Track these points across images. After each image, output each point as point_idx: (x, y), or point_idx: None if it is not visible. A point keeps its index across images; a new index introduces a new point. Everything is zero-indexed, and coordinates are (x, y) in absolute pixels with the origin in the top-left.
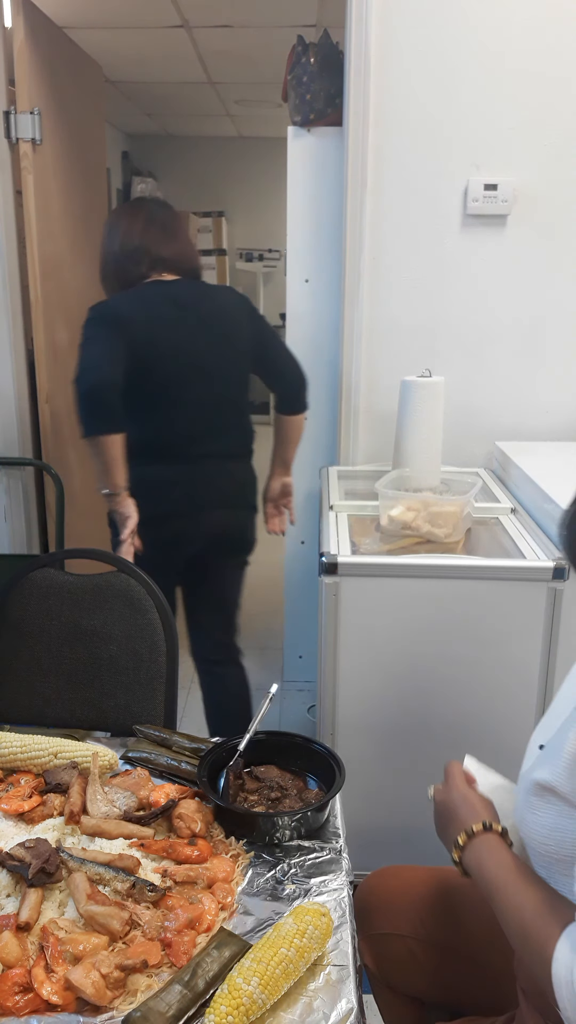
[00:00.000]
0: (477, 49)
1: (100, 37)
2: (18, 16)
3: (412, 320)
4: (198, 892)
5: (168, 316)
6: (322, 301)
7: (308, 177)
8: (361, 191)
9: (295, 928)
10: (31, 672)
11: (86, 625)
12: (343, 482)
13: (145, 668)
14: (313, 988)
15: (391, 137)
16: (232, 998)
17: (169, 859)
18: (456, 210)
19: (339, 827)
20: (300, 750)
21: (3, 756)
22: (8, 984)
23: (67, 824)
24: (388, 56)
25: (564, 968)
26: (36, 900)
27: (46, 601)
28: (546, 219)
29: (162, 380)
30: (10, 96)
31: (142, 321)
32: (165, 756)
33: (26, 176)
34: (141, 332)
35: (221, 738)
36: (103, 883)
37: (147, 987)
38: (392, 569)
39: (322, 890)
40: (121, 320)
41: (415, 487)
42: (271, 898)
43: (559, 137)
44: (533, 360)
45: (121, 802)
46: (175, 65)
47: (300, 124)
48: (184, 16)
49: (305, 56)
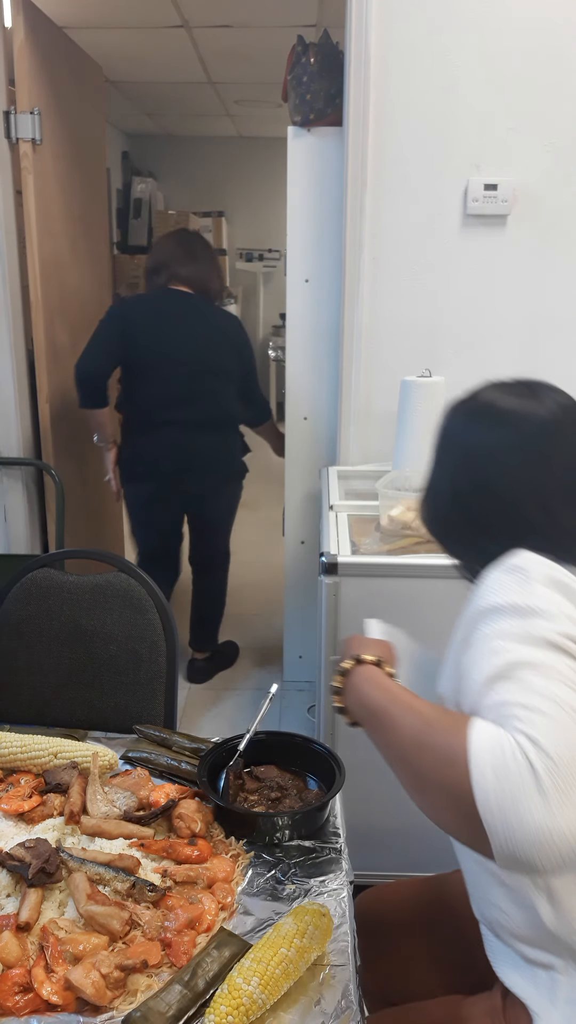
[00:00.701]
0: (477, 49)
1: (100, 37)
2: (18, 16)
3: (412, 320)
4: (198, 892)
5: (164, 313)
6: (322, 301)
7: (308, 177)
8: (361, 191)
9: (295, 928)
10: (31, 672)
11: (86, 625)
12: (343, 482)
13: (145, 668)
14: (313, 988)
15: (391, 137)
16: (232, 998)
17: (169, 859)
18: (456, 210)
19: (339, 827)
20: (300, 750)
21: (3, 756)
22: (8, 984)
23: (67, 824)
24: (388, 56)
25: (486, 733)
26: (36, 900)
27: (46, 601)
28: (546, 219)
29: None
30: (10, 96)
31: (141, 315)
32: (165, 756)
33: (26, 176)
34: (139, 323)
35: (220, 737)
36: (103, 883)
37: (147, 987)
38: (392, 569)
39: (322, 890)
40: (125, 316)
41: (415, 487)
42: (271, 898)
43: (559, 137)
44: (533, 360)
45: (121, 802)
46: (175, 65)
47: (300, 124)
48: (184, 16)
49: (305, 56)
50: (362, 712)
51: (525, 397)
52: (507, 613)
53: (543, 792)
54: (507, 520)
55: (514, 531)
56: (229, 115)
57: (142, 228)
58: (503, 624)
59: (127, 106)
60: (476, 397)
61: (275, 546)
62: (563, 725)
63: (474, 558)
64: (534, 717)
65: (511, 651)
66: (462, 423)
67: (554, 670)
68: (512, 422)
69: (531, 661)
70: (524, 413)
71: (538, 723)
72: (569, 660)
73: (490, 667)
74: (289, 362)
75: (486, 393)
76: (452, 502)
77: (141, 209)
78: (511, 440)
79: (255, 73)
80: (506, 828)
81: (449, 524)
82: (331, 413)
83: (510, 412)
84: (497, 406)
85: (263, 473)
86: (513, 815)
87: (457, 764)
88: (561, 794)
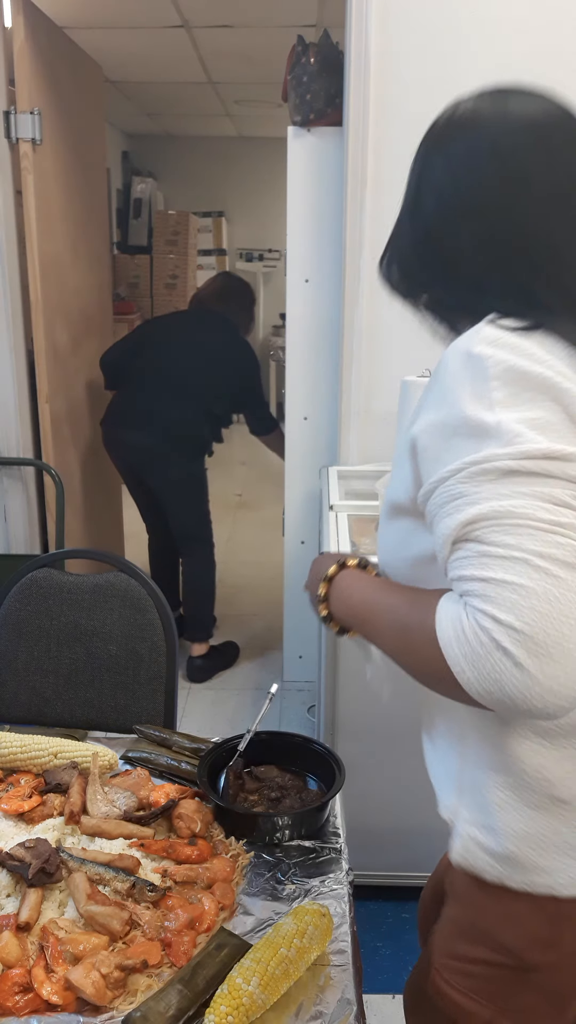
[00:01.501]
0: (477, 49)
1: (100, 37)
2: (18, 16)
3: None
4: (198, 892)
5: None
6: (322, 301)
7: (308, 177)
8: (361, 191)
9: (295, 928)
10: (31, 672)
11: (86, 625)
12: (343, 482)
13: (145, 668)
14: (313, 988)
15: (391, 136)
16: (232, 998)
17: (169, 859)
18: None
19: (339, 827)
20: (300, 750)
21: (3, 756)
22: (8, 984)
23: (67, 824)
24: (388, 56)
25: (448, 621)
26: (36, 900)
27: (46, 601)
28: None
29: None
30: (10, 96)
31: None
32: (165, 756)
33: (26, 176)
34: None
35: (220, 737)
36: (103, 883)
37: (147, 987)
38: None
39: (322, 890)
40: (145, 324)
41: None
42: (271, 898)
43: None
44: None
45: (121, 802)
46: (175, 65)
47: (300, 124)
48: (184, 16)
49: (305, 56)
50: (347, 613)
51: (499, 101)
52: (459, 433)
53: (521, 666)
54: (483, 260)
55: (490, 280)
56: (229, 115)
57: (142, 228)
58: (455, 450)
59: (127, 106)
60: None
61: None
62: (528, 587)
63: (449, 323)
64: (491, 591)
65: (467, 498)
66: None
67: (514, 514)
68: (483, 126)
69: (488, 513)
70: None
71: (496, 597)
72: (533, 486)
73: (448, 525)
74: (289, 362)
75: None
76: (422, 243)
77: (141, 209)
78: (483, 147)
79: (255, 73)
80: (503, 704)
81: (418, 276)
82: (331, 413)
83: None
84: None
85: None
86: (503, 695)
87: (437, 660)
88: (539, 659)
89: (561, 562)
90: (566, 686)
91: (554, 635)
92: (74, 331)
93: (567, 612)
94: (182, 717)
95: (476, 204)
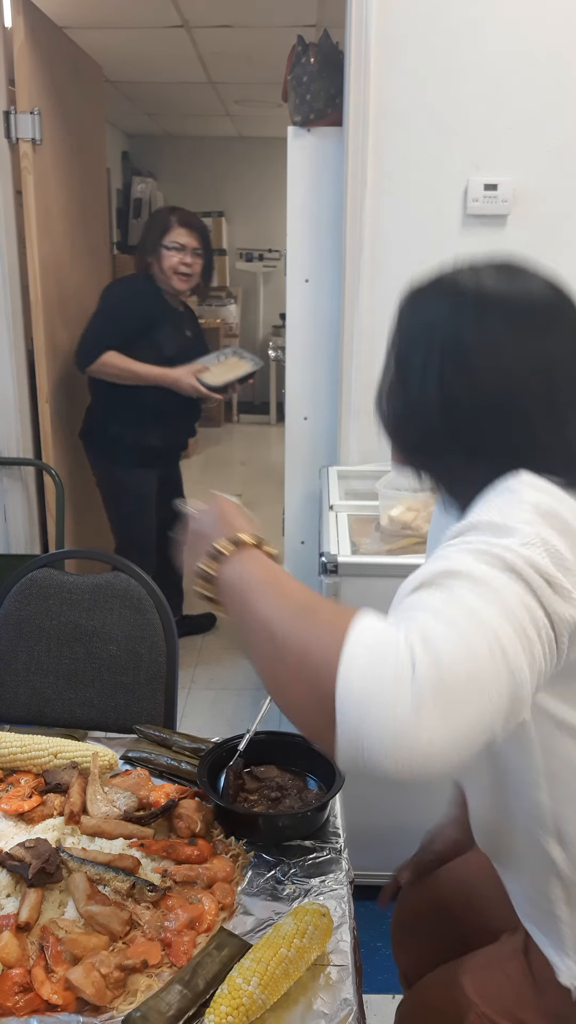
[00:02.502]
0: (477, 49)
1: (100, 37)
2: (18, 16)
3: None
4: (198, 892)
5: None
6: (322, 301)
7: (308, 177)
8: (361, 191)
9: (295, 928)
10: (31, 672)
11: (86, 625)
12: (343, 482)
13: (145, 668)
14: (313, 988)
15: (391, 137)
16: (232, 998)
17: (169, 859)
18: (456, 210)
19: (339, 827)
20: (300, 750)
21: (3, 756)
22: (8, 984)
23: (67, 824)
24: (388, 56)
25: (370, 625)
26: (36, 900)
27: (46, 601)
28: (546, 219)
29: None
30: (10, 96)
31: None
32: (165, 756)
33: (26, 176)
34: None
35: (220, 737)
36: (103, 883)
37: (147, 987)
38: (392, 569)
39: (322, 890)
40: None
41: (415, 487)
42: (271, 898)
43: (559, 137)
44: None
45: (121, 802)
46: (175, 65)
47: (300, 124)
48: (184, 16)
49: (305, 56)
50: (235, 598)
51: (515, 278)
52: (479, 530)
53: (416, 698)
54: (508, 430)
55: (513, 446)
56: (229, 115)
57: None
58: (468, 538)
59: (127, 106)
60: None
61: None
62: (472, 647)
63: (464, 485)
64: (440, 627)
65: (457, 561)
66: (448, 309)
67: (494, 592)
68: (505, 307)
69: (473, 575)
70: (520, 295)
71: (442, 632)
72: (520, 588)
73: (425, 572)
74: (289, 362)
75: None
76: (443, 412)
77: (141, 209)
78: (506, 326)
79: (255, 73)
80: (360, 722)
81: (437, 442)
82: (331, 413)
83: (504, 295)
84: (488, 289)
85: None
86: (371, 712)
87: (329, 649)
88: (434, 708)
89: (507, 654)
90: (433, 744)
91: (461, 696)
92: (74, 331)
93: (483, 690)
94: (182, 717)
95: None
